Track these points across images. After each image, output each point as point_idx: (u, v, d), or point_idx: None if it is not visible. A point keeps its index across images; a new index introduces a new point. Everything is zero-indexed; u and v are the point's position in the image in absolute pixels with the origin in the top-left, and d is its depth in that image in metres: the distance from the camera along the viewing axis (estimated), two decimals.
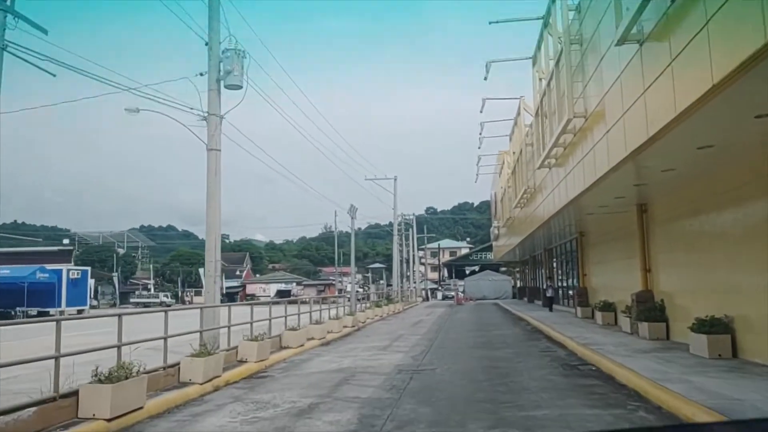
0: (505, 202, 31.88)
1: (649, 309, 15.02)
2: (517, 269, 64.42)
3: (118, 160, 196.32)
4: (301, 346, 16.08)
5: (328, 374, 11.68)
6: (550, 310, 26.59)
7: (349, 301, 31.28)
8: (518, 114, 21.82)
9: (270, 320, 16.12)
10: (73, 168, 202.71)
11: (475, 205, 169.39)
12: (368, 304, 29.11)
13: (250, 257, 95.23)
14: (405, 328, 23.14)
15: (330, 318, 21.01)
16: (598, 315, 19.91)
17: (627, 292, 17.22)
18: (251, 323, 13.84)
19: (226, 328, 13.28)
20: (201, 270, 75.57)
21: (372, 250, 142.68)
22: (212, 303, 13.58)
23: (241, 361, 12.73)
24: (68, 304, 38.44)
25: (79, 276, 40.97)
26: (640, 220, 16.10)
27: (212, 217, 13.78)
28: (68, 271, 39.61)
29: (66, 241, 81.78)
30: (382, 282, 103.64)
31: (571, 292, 28.25)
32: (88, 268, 45.97)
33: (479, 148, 27.25)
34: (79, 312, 38.47)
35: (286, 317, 17.66)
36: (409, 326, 24.37)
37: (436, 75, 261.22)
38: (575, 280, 25.75)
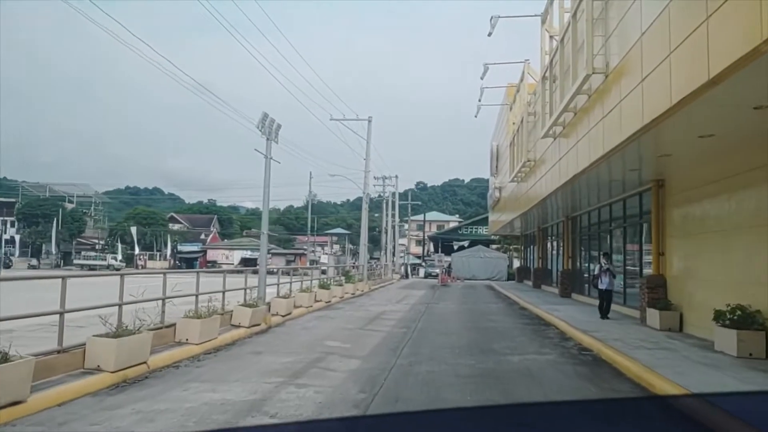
0: (518, 143, 21.12)
1: None
2: (513, 246, 54.13)
3: (107, 119, 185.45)
4: (17, 405, 5.54)
5: None
6: (604, 314, 14.31)
7: (306, 275, 20.69)
8: None
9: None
10: (63, 127, 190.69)
11: (466, 181, 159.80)
12: (306, 285, 18.53)
13: (218, 221, 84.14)
14: (344, 335, 12.57)
15: (198, 316, 10.35)
16: (725, 334, 9.37)
17: None
18: None
19: None
20: (133, 229, 64.80)
21: (357, 221, 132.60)
22: None
23: None
24: None
25: None
26: None
27: None
28: None
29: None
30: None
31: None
32: None
33: (489, 35, 16.75)
34: None
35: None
36: (356, 327, 13.84)
37: (434, 47, 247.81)
38: (642, 264, 15.22)
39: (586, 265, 21.20)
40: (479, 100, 22.65)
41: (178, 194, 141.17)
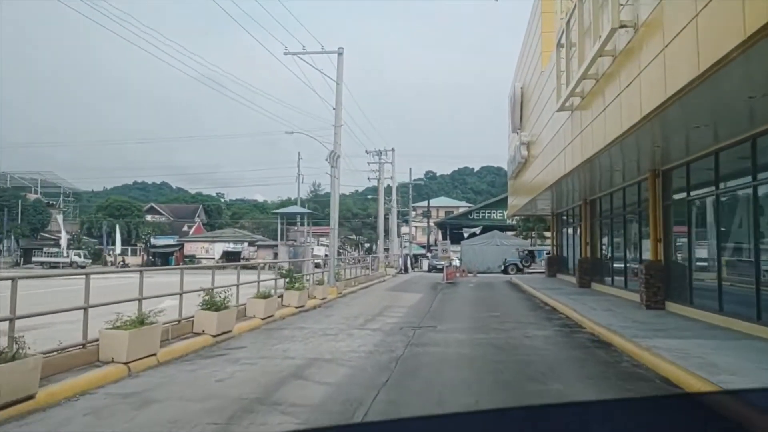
0: (580, 28, 10.85)
1: None
2: (537, 231, 44.05)
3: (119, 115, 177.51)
4: None
5: None
6: None
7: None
8: None
9: None
10: (77, 124, 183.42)
11: (476, 170, 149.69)
12: (152, 310, 8.54)
13: (204, 211, 74.58)
14: None
15: None
16: None
17: None
18: None
19: None
20: (59, 217, 55.31)
21: (363, 211, 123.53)
22: None
23: None
24: None
25: None
26: None
27: None
28: None
29: None
30: (368, 244, 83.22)
31: None
32: None
33: None
34: None
35: None
36: None
37: (443, 37, 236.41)
38: None
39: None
40: None
41: (187, 188, 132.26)
